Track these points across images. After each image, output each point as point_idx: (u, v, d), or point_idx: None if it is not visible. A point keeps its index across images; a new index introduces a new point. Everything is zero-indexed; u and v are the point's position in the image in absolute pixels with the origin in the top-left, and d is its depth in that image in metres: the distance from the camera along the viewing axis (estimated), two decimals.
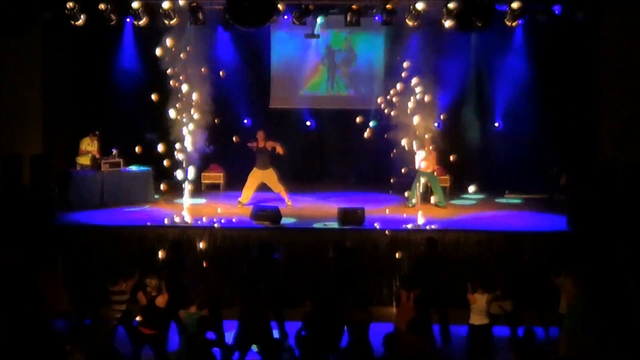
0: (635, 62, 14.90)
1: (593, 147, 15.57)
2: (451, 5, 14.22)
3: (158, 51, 14.62)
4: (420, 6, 14.46)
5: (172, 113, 14.55)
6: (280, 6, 14.58)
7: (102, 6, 14.71)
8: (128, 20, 15.82)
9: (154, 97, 14.91)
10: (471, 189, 16.69)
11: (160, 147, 14.62)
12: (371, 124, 16.63)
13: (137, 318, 10.63)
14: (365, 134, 15.78)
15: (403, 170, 15.42)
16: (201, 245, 13.37)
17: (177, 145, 14.53)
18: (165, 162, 14.66)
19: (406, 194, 15.48)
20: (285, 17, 15.42)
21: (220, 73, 16.12)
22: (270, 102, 17.91)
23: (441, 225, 13.91)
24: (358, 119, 16.10)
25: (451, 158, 15.68)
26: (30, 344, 9.81)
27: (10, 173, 14.74)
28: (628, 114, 14.98)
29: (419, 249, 12.86)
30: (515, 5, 14.47)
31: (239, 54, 17.49)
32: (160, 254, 12.66)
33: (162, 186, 15.37)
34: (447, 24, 14.65)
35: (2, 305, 10.79)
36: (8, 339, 9.87)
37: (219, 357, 10.25)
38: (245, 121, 17.67)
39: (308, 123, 18.06)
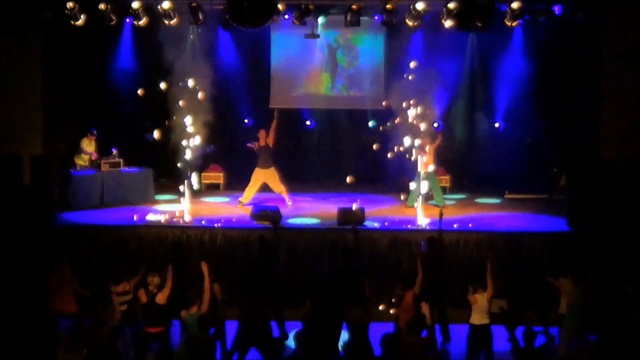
0: (635, 62, 14.90)
1: (593, 147, 15.57)
2: (451, 5, 14.22)
3: (163, 85, 14.61)
4: (420, 6, 14.47)
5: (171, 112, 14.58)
6: (280, 6, 14.59)
7: (102, 6, 14.72)
8: (127, 20, 15.84)
9: (140, 92, 14.98)
10: None
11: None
12: (370, 123, 16.63)
13: (141, 318, 10.61)
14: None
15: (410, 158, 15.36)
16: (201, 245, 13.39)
17: (177, 145, 14.54)
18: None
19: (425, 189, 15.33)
20: (286, 16, 15.43)
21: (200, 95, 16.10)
22: (270, 102, 17.90)
23: (441, 225, 13.90)
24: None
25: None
26: (30, 343, 9.83)
27: (10, 173, 14.74)
28: (628, 114, 14.99)
29: (419, 248, 12.86)
30: (515, 5, 14.48)
31: (239, 54, 17.49)
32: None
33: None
34: (447, 23, 14.65)
35: (2, 305, 10.80)
36: (8, 339, 9.88)
37: (219, 357, 10.25)
38: (246, 121, 17.68)
39: (308, 122, 18.07)
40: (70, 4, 14.55)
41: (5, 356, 9.72)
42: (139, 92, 15.32)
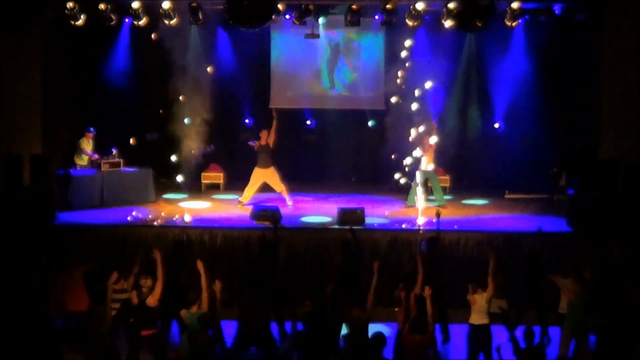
0: (635, 62, 14.89)
1: (593, 147, 15.56)
2: (451, 5, 14.22)
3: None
4: (420, 6, 14.47)
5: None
6: (280, 6, 14.59)
7: (102, 6, 14.72)
8: (127, 20, 15.84)
9: (132, 140, 15.16)
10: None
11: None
12: (370, 123, 16.60)
13: (133, 320, 10.57)
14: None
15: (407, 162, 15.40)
16: (201, 245, 13.39)
17: (177, 145, 14.56)
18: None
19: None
20: (287, 16, 15.43)
21: (209, 69, 16.19)
22: (270, 102, 17.90)
23: (441, 225, 13.89)
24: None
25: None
26: (32, 344, 9.82)
27: (10, 173, 14.73)
28: (628, 114, 14.97)
29: (419, 248, 12.85)
30: (515, 5, 14.47)
31: (238, 54, 17.49)
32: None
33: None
34: (447, 23, 14.65)
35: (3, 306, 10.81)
36: (11, 339, 9.88)
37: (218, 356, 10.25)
38: (247, 121, 17.68)
39: (308, 122, 18.07)
40: (70, 4, 14.55)
41: (8, 356, 9.72)
42: (131, 141, 15.48)
